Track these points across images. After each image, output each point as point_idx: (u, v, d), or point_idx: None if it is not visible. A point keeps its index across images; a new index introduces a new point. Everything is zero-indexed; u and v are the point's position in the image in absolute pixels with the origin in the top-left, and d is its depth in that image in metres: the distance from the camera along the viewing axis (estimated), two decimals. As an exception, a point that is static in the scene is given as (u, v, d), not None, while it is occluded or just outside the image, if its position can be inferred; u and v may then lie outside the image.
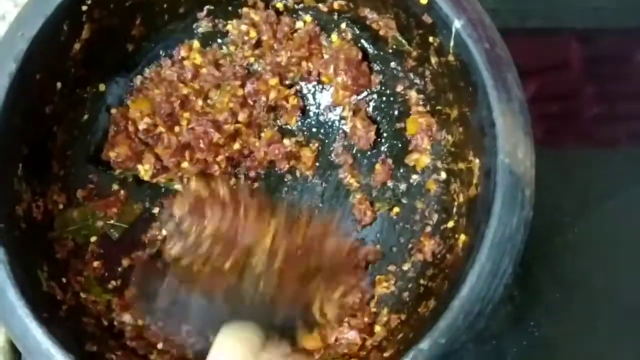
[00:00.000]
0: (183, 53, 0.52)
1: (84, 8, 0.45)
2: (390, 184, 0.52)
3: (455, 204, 0.47)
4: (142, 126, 0.50)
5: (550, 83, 0.63)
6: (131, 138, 0.50)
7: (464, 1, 0.42)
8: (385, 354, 0.42)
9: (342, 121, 0.53)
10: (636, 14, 0.64)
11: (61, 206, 0.48)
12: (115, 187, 0.51)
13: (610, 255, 0.57)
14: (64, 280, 0.45)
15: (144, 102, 0.51)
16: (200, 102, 0.51)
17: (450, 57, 0.43)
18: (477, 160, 0.43)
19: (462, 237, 0.43)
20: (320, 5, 0.51)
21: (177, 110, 0.51)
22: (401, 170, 0.52)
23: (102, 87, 0.51)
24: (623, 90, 0.63)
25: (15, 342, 0.40)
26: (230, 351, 0.33)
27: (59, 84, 0.47)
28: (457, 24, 0.42)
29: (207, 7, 0.52)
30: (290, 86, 0.53)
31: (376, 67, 0.52)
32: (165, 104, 0.50)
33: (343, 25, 0.52)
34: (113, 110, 0.51)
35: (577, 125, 0.62)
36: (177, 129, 0.51)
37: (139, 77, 0.52)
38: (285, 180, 0.53)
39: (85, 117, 0.51)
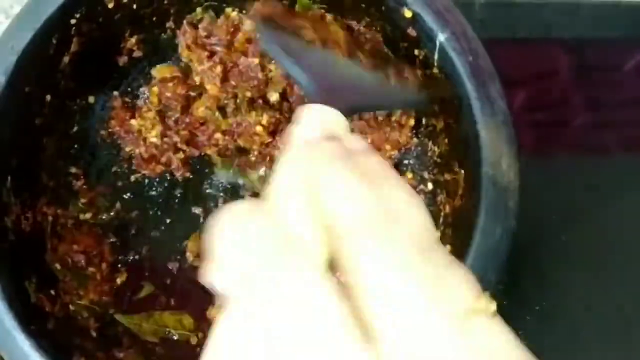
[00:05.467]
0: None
1: (73, 21, 0.45)
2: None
3: (442, 214, 0.47)
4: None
5: (539, 92, 0.63)
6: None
7: (448, 14, 0.42)
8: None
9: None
10: (624, 23, 0.64)
11: (50, 218, 0.48)
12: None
13: (598, 265, 0.57)
14: (52, 292, 0.45)
15: None
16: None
17: (435, 70, 0.44)
18: (463, 172, 0.44)
19: (448, 247, 0.44)
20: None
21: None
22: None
23: (91, 99, 0.51)
24: (613, 99, 0.64)
25: (2, 355, 0.40)
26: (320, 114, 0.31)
27: (48, 97, 0.47)
28: (440, 37, 0.42)
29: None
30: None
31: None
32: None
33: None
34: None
35: (566, 133, 0.63)
36: None
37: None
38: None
39: (75, 128, 0.51)
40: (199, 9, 0.52)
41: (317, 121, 0.30)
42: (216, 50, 0.52)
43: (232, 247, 0.23)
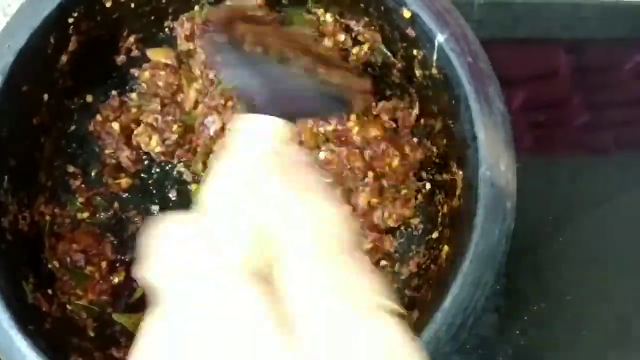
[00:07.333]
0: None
1: (71, 20, 0.45)
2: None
3: (440, 214, 0.47)
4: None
5: (539, 92, 0.63)
6: None
7: (447, 15, 0.42)
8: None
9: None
10: (623, 24, 0.64)
11: (48, 217, 0.48)
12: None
13: (596, 265, 0.57)
14: (49, 291, 0.45)
15: None
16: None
17: (434, 70, 0.44)
18: (461, 172, 0.43)
19: (446, 248, 0.44)
20: (308, 16, 0.52)
21: None
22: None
23: (89, 98, 0.51)
24: (611, 99, 0.64)
25: (0, 355, 0.40)
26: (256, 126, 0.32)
27: (46, 96, 0.47)
28: (440, 37, 0.42)
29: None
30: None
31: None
32: None
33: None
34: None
35: (565, 133, 0.63)
36: None
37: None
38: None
39: (73, 127, 0.51)
40: (196, 7, 0.52)
41: (260, 130, 0.32)
42: None
43: (163, 249, 0.28)
